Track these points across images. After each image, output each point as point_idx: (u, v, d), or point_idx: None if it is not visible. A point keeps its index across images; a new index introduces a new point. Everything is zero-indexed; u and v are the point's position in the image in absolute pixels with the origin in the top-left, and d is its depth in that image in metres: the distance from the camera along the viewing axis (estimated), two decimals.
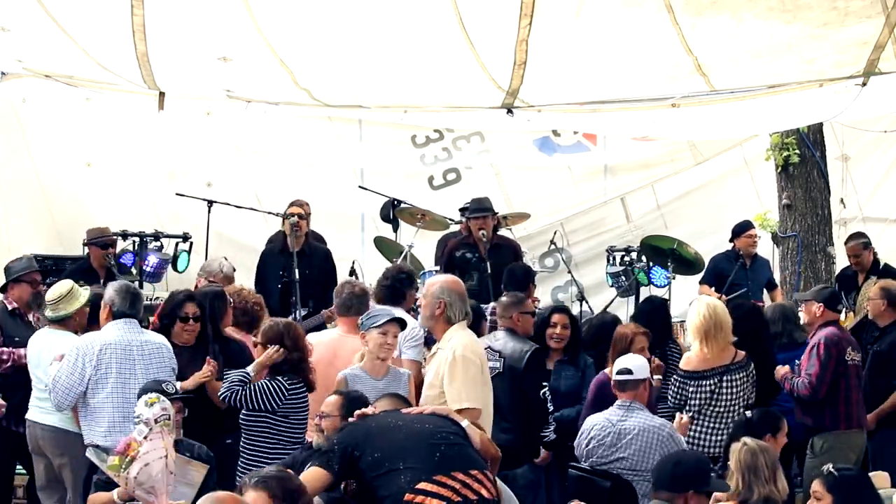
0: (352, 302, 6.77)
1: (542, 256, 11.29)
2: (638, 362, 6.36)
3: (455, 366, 5.81)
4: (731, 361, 6.87)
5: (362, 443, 4.70)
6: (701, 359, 6.89)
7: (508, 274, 8.26)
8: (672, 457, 5.55)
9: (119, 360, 6.29)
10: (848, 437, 7.14)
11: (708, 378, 6.87)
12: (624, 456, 6.15)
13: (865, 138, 11.56)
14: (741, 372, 6.86)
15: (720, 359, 6.87)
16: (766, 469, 5.21)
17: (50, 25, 6.62)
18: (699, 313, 6.85)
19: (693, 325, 6.91)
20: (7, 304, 7.52)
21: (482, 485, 4.64)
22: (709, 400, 6.85)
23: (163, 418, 5.12)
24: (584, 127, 11.21)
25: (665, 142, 11.66)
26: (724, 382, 6.84)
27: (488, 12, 6.30)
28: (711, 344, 6.82)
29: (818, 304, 7.34)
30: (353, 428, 4.87)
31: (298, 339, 6.25)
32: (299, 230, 8.89)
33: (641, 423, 6.18)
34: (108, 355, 6.29)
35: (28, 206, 10.82)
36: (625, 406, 6.25)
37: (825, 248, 10.24)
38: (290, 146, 11.67)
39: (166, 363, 6.40)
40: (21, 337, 7.27)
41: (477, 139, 11.85)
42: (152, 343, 6.43)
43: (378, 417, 5.00)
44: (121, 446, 5.05)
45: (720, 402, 6.84)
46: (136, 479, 4.95)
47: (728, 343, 6.88)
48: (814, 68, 6.53)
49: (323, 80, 7.54)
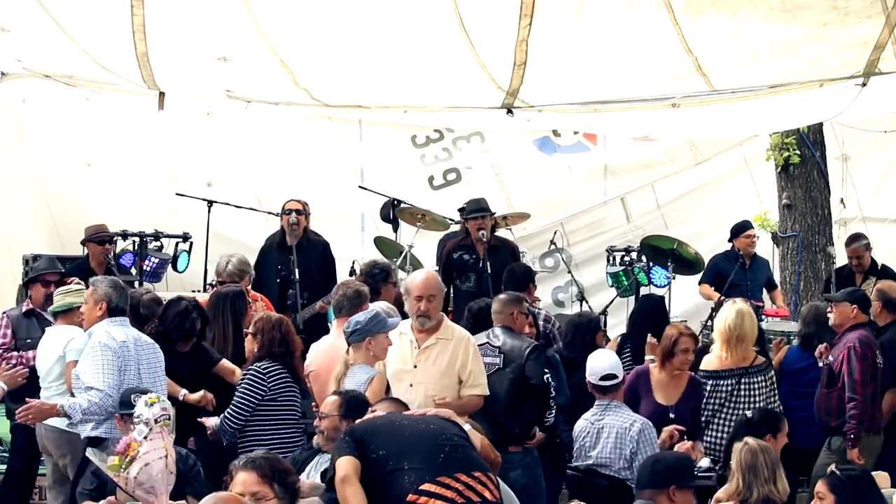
0: (343, 303, 6.74)
1: (542, 256, 11.29)
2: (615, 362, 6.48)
3: (477, 355, 6.23)
4: (751, 364, 6.92)
5: (368, 438, 4.72)
6: (719, 361, 6.98)
7: (508, 274, 8.26)
8: (651, 457, 5.67)
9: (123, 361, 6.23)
10: (868, 440, 7.13)
11: (726, 379, 6.92)
12: (601, 454, 6.30)
13: (865, 138, 11.55)
14: (760, 376, 6.90)
15: (739, 361, 6.92)
16: (766, 469, 5.22)
17: (50, 25, 6.62)
18: (726, 320, 6.94)
19: (717, 328, 7.03)
20: (24, 305, 7.60)
21: (485, 487, 4.63)
22: (726, 402, 6.88)
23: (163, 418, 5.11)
24: (584, 127, 11.20)
25: (665, 142, 11.65)
26: (742, 385, 6.88)
27: (488, 12, 6.31)
28: (732, 351, 6.91)
29: (853, 305, 7.33)
30: (359, 424, 4.93)
31: (288, 334, 6.44)
32: (297, 227, 8.89)
33: (615, 420, 6.32)
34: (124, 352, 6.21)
35: (28, 206, 10.82)
36: (602, 405, 6.43)
37: (825, 248, 10.22)
38: (290, 146, 11.66)
39: (160, 362, 6.39)
40: (33, 338, 7.33)
41: (477, 139, 11.85)
42: (146, 341, 6.40)
43: (383, 417, 5.02)
44: (121, 446, 5.03)
45: (738, 405, 6.86)
46: (136, 479, 4.94)
47: (749, 351, 6.95)
48: (814, 68, 6.53)
49: (323, 80, 7.54)
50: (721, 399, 6.89)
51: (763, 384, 6.88)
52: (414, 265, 9.45)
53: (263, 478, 4.22)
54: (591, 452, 6.35)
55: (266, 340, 6.41)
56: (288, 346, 6.44)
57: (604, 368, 6.44)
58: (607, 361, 6.49)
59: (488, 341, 6.73)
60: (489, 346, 6.68)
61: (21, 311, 7.68)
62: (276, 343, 6.39)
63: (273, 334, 6.40)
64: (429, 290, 6.13)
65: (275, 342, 6.39)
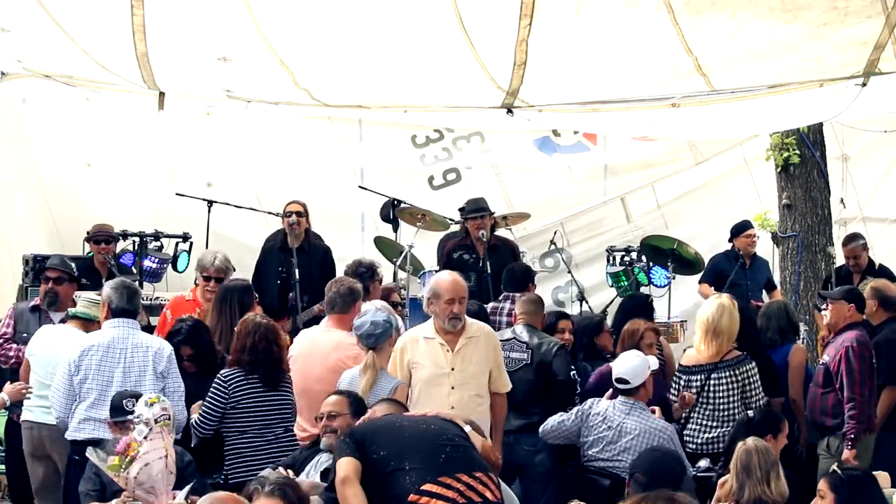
0: (335, 300, 6.89)
1: (542, 256, 11.30)
2: (634, 369, 6.42)
3: (499, 349, 6.52)
4: (721, 360, 6.92)
5: (369, 439, 4.74)
6: (695, 355, 7.05)
7: (508, 274, 8.28)
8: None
9: (100, 361, 6.29)
10: (865, 440, 7.11)
11: (696, 374, 6.97)
12: (622, 454, 6.26)
13: (865, 138, 11.55)
14: (728, 370, 6.90)
15: (712, 356, 6.95)
16: (759, 469, 5.22)
17: (50, 25, 6.61)
18: (706, 312, 7.00)
19: (698, 321, 7.10)
20: (35, 301, 7.67)
21: (486, 487, 4.64)
22: (698, 396, 6.93)
23: (163, 418, 5.12)
24: (584, 127, 11.21)
25: (665, 142, 11.65)
26: (711, 380, 6.89)
27: (488, 13, 6.30)
28: (708, 344, 6.95)
29: (849, 304, 7.31)
30: (359, 425, 4.97)
31: (264, 341, 6.22)
32: (298, 228, 8.91)
33: (643, 424, 6.24)
34: (88, 358, 6.28)
35: (28, 206, 10.81)
36: (628, 404, 6.41)
37: (825, 248, 10.22)
38: (290, 146, 11.66)
39: (148, 366, 6.31)
40: (30, 333, 7.33)
41: (477, 139, 11.85)
42: (140, 345, 6.36)
43: (383, 418, 5.03)
44: (121, 446, 5.04)
45: (710, 400, 6.91)
46: (136, 479, 4.94)
47: (724, 346, 6.95)
48: (814, 68, 6.53)
49: (323, 80, 7.54)
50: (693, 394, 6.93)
51: (731, 379, 6.88)
52: (414, 265, 9.46)
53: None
54: (610, 447, 6.34)
55: (238, 346, 6.27)
56: (258, 355, 6.20)
57: (618, 372, 6.48)
58: (625, 365, 6.49)
59: (515, 337, 7.09)
60: (517, 342, 7.07)
61: (28, 306, 7.72)
62: (245, 350, 6.21)
63: (245, 341, 6.22)
64: (459, 293, 6.28)
65: (245, 349, 6.21)
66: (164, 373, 6.34)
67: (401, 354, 6.35)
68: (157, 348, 6.40)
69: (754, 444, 5.33)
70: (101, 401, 6.18)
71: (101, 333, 6.46)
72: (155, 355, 6.35)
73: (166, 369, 6.34)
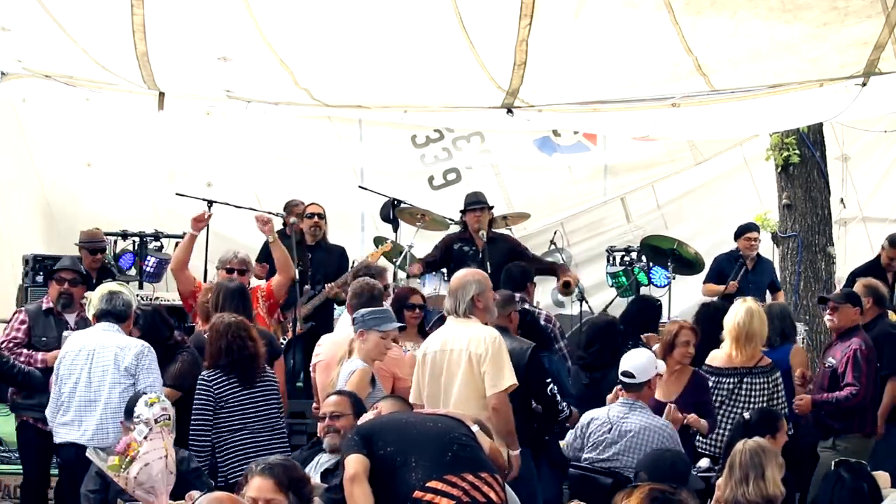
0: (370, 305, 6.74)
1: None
2: (641, 365, 6.38)
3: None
4: (755, 365, 6.93)
5: (376, 435, 4.75)
6: (726, 359, 7.00)
7: (506, 274, 8.24)
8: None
9: (69, 366, 6.29)
10: (860, 443, 7.11)
11: (729, 377, 6.93)
12: (622, 454, 6.22)
13: (865, 138, 11.56)
14: (763, 377, 6.90)
15: (746, 360, 6.94)
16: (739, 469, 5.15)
17: (50, 25, 6.62)
18: (735, 318, 6.96)
19: (727, 326, 7.02)
20: (44, 303, 7.54)
21: (491, 488, 4.65)
22: (726, 400, 6.90)
23: (163, 418, 5.12)
24: (584, 127, 11.21)
25: (665, 142, 11.65)
26: (744, 384, 6.88)
27: (488, 12, 6.30)
28: (741, 349, 6.93)
29: (855, 307, 7.30)
30: (366, 422, 4.97)
31: (237, 339, 6.24)
32: (318, 229, 9.22)
33: (642, 422, 6.22)
34: (64, 365, 6.31)
35: (28, 206, 10.82)
36: (627, 404, 6.33)
37: (825, 248, 10.21)
38: (290, 146, 11.67)
39: (110, 366, 6.20)
40: (48, 337, 7.28)
41: (477, 139, 11.86)
42: (106, 345, 6.26)
43: (389, 414, 5.05)
44: (121, 446, 5.05)
45: (738, 404, 6.87)
46: (136, 479, 4.94)
47: (758, 350, 6.95)
48: (814, 68, 6.53)
49: (323, 80, 7.54)
50: (721, 397, 6.90)
51: (765, 386, 6.88)
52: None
53: (279, 486, 4.15)
54: (607, 448, 6.28)
55: (213, 350, 6.28)
56: (233, 356, 6.21)
57: (625, 366, 6.38)
58: (633, 360, 6.41)
59: None
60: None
61: (41, 308, 7.48)
62: (222, 353, 6.23)
63: (219, 343, 6.24)
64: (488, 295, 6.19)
65: (221, 352, 6.23)
66: (130, 369, 6.18)
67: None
68: (122, 346, 6.25)
69: (743, 445, 5.28)
70: (68, 405, 6.22)
71: (76, 339, 6.46)
72: (117, 355, 6.21)
73: (133, 366, 6.18)
